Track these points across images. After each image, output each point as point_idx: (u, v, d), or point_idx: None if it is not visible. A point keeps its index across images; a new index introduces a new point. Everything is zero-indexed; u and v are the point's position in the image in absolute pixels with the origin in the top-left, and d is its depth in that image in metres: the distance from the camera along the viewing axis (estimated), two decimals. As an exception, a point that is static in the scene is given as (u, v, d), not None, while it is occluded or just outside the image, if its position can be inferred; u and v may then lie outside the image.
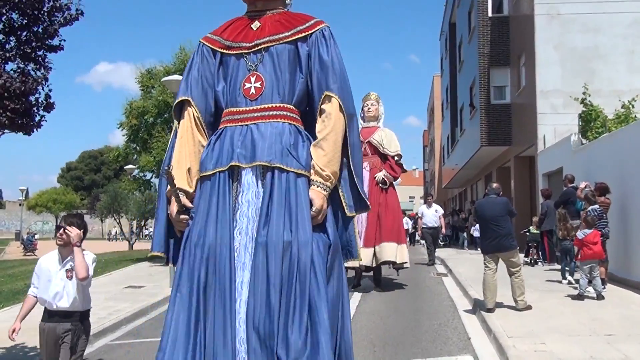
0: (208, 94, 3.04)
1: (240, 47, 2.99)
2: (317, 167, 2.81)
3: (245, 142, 2.84)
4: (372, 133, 10.87)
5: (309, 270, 2.63)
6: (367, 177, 10.53)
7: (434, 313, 8.20)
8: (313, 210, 2.75)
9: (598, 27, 16.27)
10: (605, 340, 5.82)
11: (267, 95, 2.90)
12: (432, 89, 48.93)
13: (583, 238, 8.46)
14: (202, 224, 2.77)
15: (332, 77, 2.91)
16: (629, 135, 10.32)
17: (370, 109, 11.05)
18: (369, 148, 10.79)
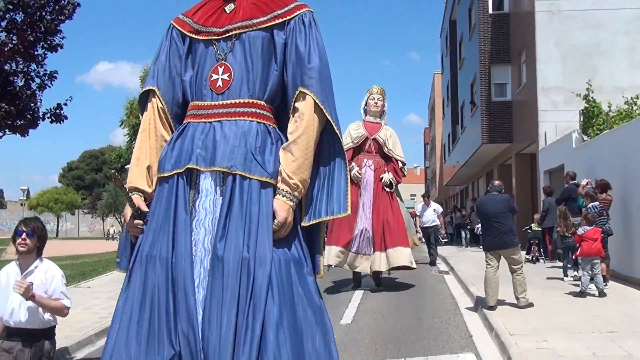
0: (176, 83, 2.74)
1: (210, 33, 2.67)
2: (284, 174, 2.48)
3: (207, 142, 2.53)
4: (377, 130, 10.39)
5: (265, 291, 2.33)
6: (372, 177, 10.16)
7: (436, 311, 8.19)
8: (275, 224, 2.43)
9: (599, 24, 16.24)
10: (608, 338, 5.81)
11: (235, 89, 2.59)
12: (433, 86, 48.88)
13: (582, 234, 8.45)
14: (157, 232, 2.48)
15: (308, 71, 2.56)
16: (631, 131, 10.30)
17: (377, 103, 10.49)
18: (374, 145, 10.38)
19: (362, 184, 10.11)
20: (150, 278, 2.43)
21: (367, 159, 10.28)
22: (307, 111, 2.53)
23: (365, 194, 10.07)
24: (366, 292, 9.81)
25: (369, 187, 10.09)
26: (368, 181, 10.13)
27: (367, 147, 10.35)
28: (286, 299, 2.39)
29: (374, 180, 10.13)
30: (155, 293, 2.40)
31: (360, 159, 10.28)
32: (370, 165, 10.22)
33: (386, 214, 9.95)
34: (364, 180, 10.13)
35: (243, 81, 2.59)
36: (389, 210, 10.02)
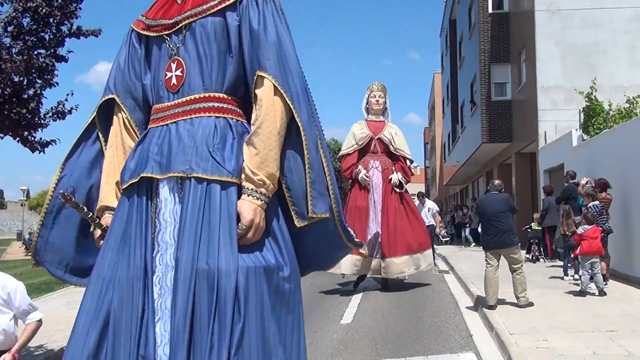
0: (137, 89, 2.51)
1: (160, 27, 2.43)
2: (247, 170, 2.22)
3: (162, 147, 2.29)
4: (381, 129, 10.10)
5: (232, 306, 2.07)
6: (380, 179, 9.93)
7: (436, 310, 8.20)
8: (239, 227, 2.16)
9: (598, 23, 16.25)
10: (608, 337, 5.81)
11: (188, 84, 2.35)
12: (433, 86, 48.89)
13: (582, 233, 8.47)
14: (115, 251, 2.26)
15: (264, 51, 2.27)
16: (631, 130, 10.30)
17: (378, 101, 10.16)
18: (380, 145, 10.10)
19: (371, 187, 9.93)
20: (105, 301, 2.21)
21: (373, 160, 10.09)
22: (265, 96, 2.26)
23: (374, 197, 9.90)
24: (366, 292, 9.82)
25: (377, 189, 9.91)
26: (376, 183, 9.95)
27: (372, 147, 10.15)
28: (256, 312, 2.13)
29: (383, 181, 9.91)
30: (109, 315, 2.19)
31: (367, 161, 10.09)
32: (377, 167, 10.00)
33: (397, 217, 9.70)
34: (373, 183, 9.95)
35: (197, 75, 2.35)
36: (401, 213, 9.78)
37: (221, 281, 2.08)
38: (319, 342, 6.45)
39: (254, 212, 2.18)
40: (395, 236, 9.60)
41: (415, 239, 9.77)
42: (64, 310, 8.80)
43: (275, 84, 2.24)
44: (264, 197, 2.22)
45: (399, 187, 9.86)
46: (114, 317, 2.17)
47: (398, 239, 9.60)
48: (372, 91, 10.26)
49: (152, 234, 2.25)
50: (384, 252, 9.62)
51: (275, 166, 2.24)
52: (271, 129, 2.23)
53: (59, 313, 8.59)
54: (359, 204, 9.92)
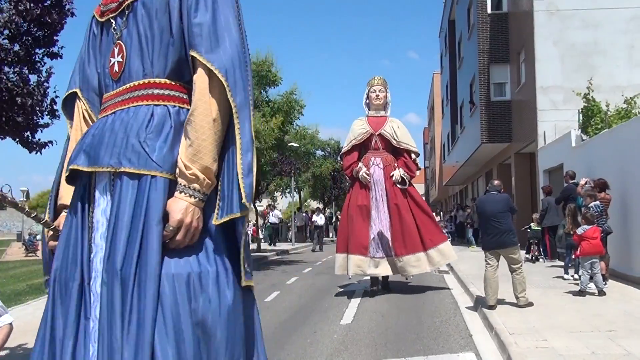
0: (95, 78, 2.34)
1: (108, 10, 2.26)
2: (180, 163, 1.98)
3: (94, 139, 2.09)
4: (382, 124, 9.77)
5: (151, 319, 1.86)
6: (382, 176, 9.59)
7: (436, 310, 8.20)
8: (166, 229, 1.93)
9: (597, 23, 16.26)
10: (607, 336, 5.82)
11: (129, 71, 2.14)
12: (432, 86, 48.91)
13: (582, 234, 8.47)
14: (60, 254, 2.10)
15: (194, 28, 2.04)
16: (630, 130, 10.31)
17: (379, 96, 9.81)
18: (380, 142, 9.76)
19: (372, 185, 9.62)
20: (51, 308, 2.07)
21: (374, 157, 9.79)
22: (198, 79, 2.03)
23: (376, 195, 9.58)
24: (367, 292, 9.82)
25: (379, 187, 9.60)
26: (378, 181, 9.63)
27: (373, 144, 9.86)
28: (184, 325, 1.89)
29: (385, 179, 9.57)
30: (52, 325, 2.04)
31: (368, 158, 9.82)
32: (378, 164, 9.66)
33: (404, 214, 9.36)
34: (374, 181, 9.63)
35: (137, 60, 2.14)
36: (406, 210, 9.42)
37: (142, 290, 1.87)
38: (319, 343, 6.45)
39: (185, 211, 1.94)
40: (405, 233, 9.27)
41: (426, 234, 9.40)
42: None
43: (207, 64, 2.00)
44: (199, 194, 1.98)
45: (402, 184, 9.50)
46: (53, 327, 2.03)
47: (408, 236, 9.26)
48: (372, 86, 9.97)
49: (89, 235, 2.07)
50: (396, 251, 9.30)
51: (211, 158, 1.99)
52: (204, 116, 1.98)
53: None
54: (360, 203, 9.60)
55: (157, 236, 1.91)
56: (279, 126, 14.78)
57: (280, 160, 20.75)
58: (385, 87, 9.99)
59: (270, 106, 15.51)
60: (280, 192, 34.33)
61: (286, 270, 15.05)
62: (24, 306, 9.47)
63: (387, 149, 9.80)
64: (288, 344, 6.53)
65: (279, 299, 9.80)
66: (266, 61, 15.45)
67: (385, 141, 9.75)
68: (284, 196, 36.66)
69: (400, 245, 9.27)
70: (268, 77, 15.56)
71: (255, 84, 15.17)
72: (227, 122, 2.05)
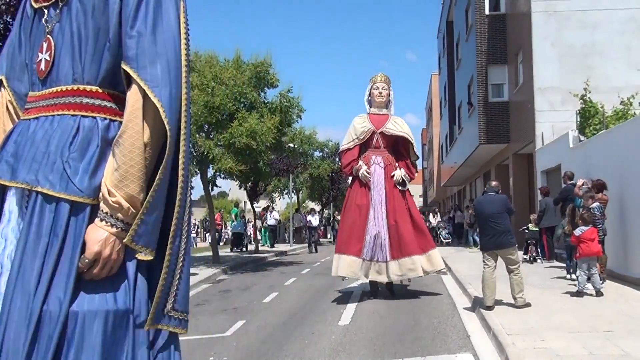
0: (23, 68, 2.05)
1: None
2: (104, 188, 1.75)
3: (18, 147, 1.86)
4: (384, 122, 9.47)
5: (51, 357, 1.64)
6: (382, 176, 9.30)
7: (433, 311, 8.21)
8: (81, 261, 1.70)
9: (595, 24, 16.30)
10: (605, 337, 5.83)
11: (57, 73, 1.88)
12: (430, 87, 48.96)
13: (580, 235, 8.49)
14: None
15: (129, 40, 1.80)
16: (627, 131, 10.33)
17: (382, 93, 9.49)
18: (382, 140, 9.47)
19: (372, 184, 9.33)
20: None
21: (375, 155, 9.51)
22: (131, 98, 1.79)
23: (375, 194, 9.28)
24: (365, 293, 9.82)
25: (379, 186, 9.30)
26: (378, 180, 9.34)
27: (374, 142, 9.58)
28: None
29: (385, 178, 9.28)
30: None
31: (368, 156, 9.54)
32: (379, 163, 9.37)
33: (400, 216, 9.13)
34: (374, 180, 9.35)
35: (67, 61, 1.87)
36: (404, 212, 9.20)
37: (44, 329, 1.66)
38: (317, 344, 6.46)
39: (104, 242, 1.71)
40: (402, 236, 9.02)
41: (421, 238, 9.24)
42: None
43: (141, 83, 1.77)
44: (121, 223, 1.75)
45: (402, 185, 9.28)
46: None
47: (404, 239, 9.01)
48: (375, 82, 9.65)
49: None
50: (392, 254, 9.03)
51: (138, 187, 1.76)
52: (135, 140, 1.75)
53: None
54: (359, 202, 9.34)
55: (75, 267, 1.70)
56: (276, 126, 14.79)
57: (278, 160, 20.74)
58: (388, 85, 9.68)
59: (267, 107, 15.52)
60: (278, 193, 34.32)
61: (284, 271, 15.05)
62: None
63: (388, 148, 9.55)
64: (286, 344, 6.53)
65: (277, 300, 9.80)
66: (264, 63, 15.46)
67: (387, 140, 9.49)
68: (282, 197, 36.66)
69: (397, 248, 9.03)
70: (266, 78, 15.57)
71: (253, 85, 15.18)
72: (159, 147, 1.83)
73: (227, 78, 14.68)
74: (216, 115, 14.42)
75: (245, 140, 13.98)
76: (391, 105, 9.76)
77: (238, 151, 14.41)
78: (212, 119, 14.39)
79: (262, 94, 16.07)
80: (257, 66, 15.40)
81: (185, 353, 5.57)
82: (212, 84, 14.45)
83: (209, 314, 8.96)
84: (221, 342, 6.95)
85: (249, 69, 15.31)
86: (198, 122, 14.29)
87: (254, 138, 14.12)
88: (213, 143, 14.50)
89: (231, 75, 14.78)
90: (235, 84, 14.56)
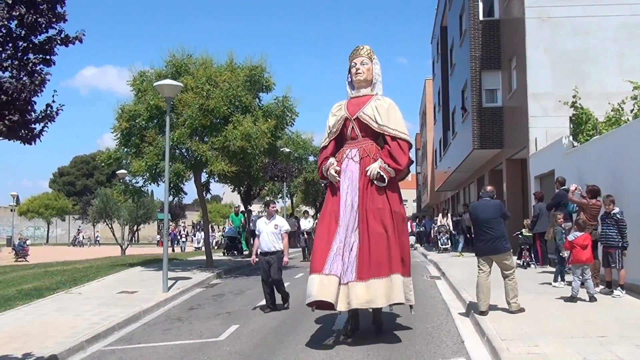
0: None
1: None
2: None
3: None
4: (362, 105, 7.34)
5: None
6: (357, 173, 7.15)
7: (427, 316, 8.21)
8: None
9: (588, 30, 16.39)
10: (598, 342, 5.84)
11: None
12: (424, 92, 49.06)
13: (573, 241, 8.52)
14: None
15: None
16: (620, 137, 10.38)
17: (359, 70, 7.42)
18: (359, 127, 7.31)
19: (343, 184, 7.21)
20: None
21: (350, 148, 7.38)
22: None
23: (347, 197, 7.13)
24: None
25: (352, 186, 7.16)
26: (352, 179, 7.19)
27: (349, 131, 7.44)
28: None
29: (360, 175, 7.13)
30: None
31: (343, 151, 7.46)
32: (353, 156, 7.25)
33: (376, 224, 6.91)
34: (345, 179, 7.23)
35: None
36: (378, 219, 6.94)
37: None
38: (311, 349, 6.44)
39: None
40: (375, 252, 6.80)
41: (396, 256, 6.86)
42: (54, 316, 8.74)
43: None
44: None
45: (380, 180, 7.02)
46: None
47: (378, 256, 6.78)
48: (352, 59, 7.58)
49: None
50: (361, 274, 6.76)
51: None
52: None
53: (50, 319, 8.53)
54: (330, 207, 7.29)
55: None
56: (271, 130, 14.76)
57: (272, 165, 20.68)
58: (370, 59, 7.52)
59: (263, 110, 15.50)
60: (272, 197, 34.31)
61: (278, 275, 14.99)
62: (14, 311, 9.39)
63: (371, 136, 7.37)
64: (280, 349, 6.51)
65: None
66: (259, 66, 15.44)
67: (365, 127, 7.31)
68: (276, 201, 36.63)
69: (365, 266, 6.78)
70: (261, 82, 15.55)
71: (247, 89, 15.16)
72: None
73: (221, 81, 14.65)
74: (210, 118, 14.38)
75: (239, 143, 13.95)
76: (377, 84, 7.57)
77: (232, 154, 14.38)
78: (206, 122, 14.35)
79: (257, 98, 16.07)
80: (251, 69, 15.40)
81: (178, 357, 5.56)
82: (207, 86, 14.42)
83: (203, 318, 8.93)
84: (214, 346, 6.92)
85: (243, 72, 15.29)
86: (193, 125, 14.24)
87: (248, 141, 14.09)
88: (207, 146, 14.46)
89: (226, 78, 14.76)
90: (230, 86, 14.54)
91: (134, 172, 14.99)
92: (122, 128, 14.89)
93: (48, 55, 6.06)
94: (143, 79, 15.56)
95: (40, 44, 5.97)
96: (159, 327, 8.45)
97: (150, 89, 14.66)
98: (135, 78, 15.65)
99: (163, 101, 13.74)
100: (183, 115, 14.37)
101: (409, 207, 69.14)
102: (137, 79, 15.60)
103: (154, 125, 15.07)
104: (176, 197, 17.53)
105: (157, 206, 35.48)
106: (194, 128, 14.47)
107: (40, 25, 5.84)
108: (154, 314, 9.40)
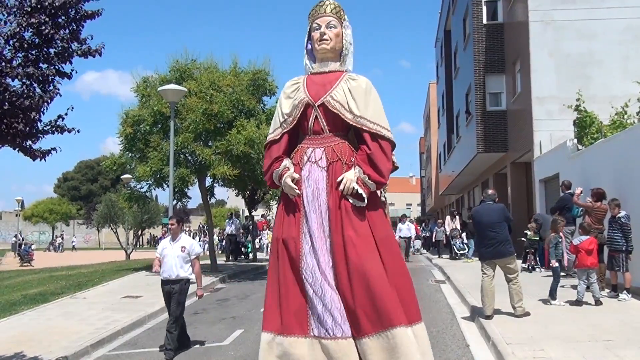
0: None
1: None
2: None
3: None
4: (329, 86, 4.67)
5: None
6: (323, 184, 4.52)
7: (432, 320, 8.18)
8: None
9: (592, 33, 16.36)
10: (604, 346, 5.81)
11: None
12: (428, 96, 49.05)
13: (578, 245, 8.48)
14: None
15: None
16: (624, 140, 10.35)
17: (324, 35, 4.66)
18: (325, 118, 4.61)
19: (304, 201, 4.58)
20: None
21: (313, 147, 4.72)
22: None
23: (312, 217, 4.52)
24: None
25: (315, 205, 4.54)
26: (314, 195, 4.56)
27: (311, 123, 4.70)
28: None
29: (329, 188, 4.53)
30: None
31: (302, 150, 4.76)
32: (318, 160, 4.64)
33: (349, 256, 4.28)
34: (307, 194, 4.57)
35: None
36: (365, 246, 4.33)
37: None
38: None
39: None
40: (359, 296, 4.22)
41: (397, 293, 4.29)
42: (59, 321, 8.75)
43: None
44: None
45: (357, 198, 4.42)
46: None
47: (362, 301, 4.21)
48: (315, 19, 4.78)
49: None
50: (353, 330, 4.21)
51: None
52: None
53: (54, 324, 8.54)
54: (286, 236, 4.60)
55: None
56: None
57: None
58: (339, 20, 4.78)
59: (266, 113, 15.54)
60: (276, 202, 34.31)
61: (282, 280, 14.95)
62: (19, 316, 9.41)
63: (342, 129, 4.71)
64: (284, 354, 6.49)
65: (276, 309, 9.75)
66: (262, 70, 15.48)
67: (335, 117, 4.62)
68: (279, 205, 36.63)
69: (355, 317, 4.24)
70: (264, 86, 15.59)
71: (251, 93, 15.19)
72: None
73: (225, 85, 14.68)
74: (214, 122, 14.41)
75: (242, 148, 13.97)
76: (348, 55, 4.86)
77: (235, 159, 14.40)
78: (210, 126, 14.37)
79: (261, 102, 16.10)
80: (254, 73, 15.43)
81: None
82: (211, 91, 14.45)
83: (207, 323, 8.92)
84: (219, 351, 6.91)
85: (246, 76, 15.32)
86: (197, 129, 14.27)
87: (251, 146, 14.10)
88: (211, 151, 14.48)
89: (229, 82, 14.79)
90: (233, 91, 14.57)
91: (139, 177, 15.04)
92: (127, 133, 14.94)
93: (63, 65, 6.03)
94: (147, 84, 15.62)
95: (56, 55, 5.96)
96: (163, 331, 8.43)
97: (154, 94, 14.71)
98: (139, 84, 15.71)
99: (167, 106, 13.77)
100: (187, 120, 14.40)
101: (414, 212, 69.08)
102: (141, 84, 15.66)
103: (158, 130, 15.12)
104: (180, 202, 17.60)
105: (162, 211, 35.57)
106: (198, 133, 14.50)
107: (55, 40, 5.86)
108: (158, 319, 9.39)
